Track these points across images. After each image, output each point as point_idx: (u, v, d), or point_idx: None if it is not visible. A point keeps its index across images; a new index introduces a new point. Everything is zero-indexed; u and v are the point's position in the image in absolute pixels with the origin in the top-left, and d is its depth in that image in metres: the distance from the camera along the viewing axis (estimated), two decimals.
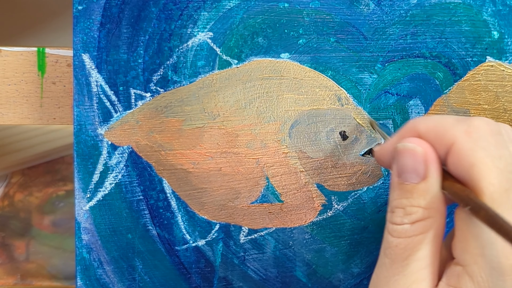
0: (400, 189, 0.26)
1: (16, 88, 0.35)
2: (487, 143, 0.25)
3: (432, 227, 0.26)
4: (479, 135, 0.25)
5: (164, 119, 0.33)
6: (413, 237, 0.26)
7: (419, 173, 0.26)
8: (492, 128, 0.26)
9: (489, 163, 0.24)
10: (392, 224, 0.27)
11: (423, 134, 0.26)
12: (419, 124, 0.27)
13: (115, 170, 0.33)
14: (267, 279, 0.36)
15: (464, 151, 0.25)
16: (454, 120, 0.26)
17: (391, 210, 0.27)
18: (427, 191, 0.26)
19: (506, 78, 0.36)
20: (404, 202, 0.26)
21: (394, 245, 0.26)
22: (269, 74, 0.34)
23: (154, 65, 0.33)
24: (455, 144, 0.25)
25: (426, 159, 0.26)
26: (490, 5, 0.35)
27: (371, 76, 0.35)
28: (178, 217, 0.34)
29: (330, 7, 0.34)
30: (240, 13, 0.33)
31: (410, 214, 0.26)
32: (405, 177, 0.26)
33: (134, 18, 0.32)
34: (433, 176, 0.26)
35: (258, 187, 0.35)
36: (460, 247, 0.25)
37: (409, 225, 0.26)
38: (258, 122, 0.34)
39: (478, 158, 0.24)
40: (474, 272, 0.24)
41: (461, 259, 0.25)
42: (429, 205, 0.26)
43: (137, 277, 0.34)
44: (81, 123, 0.33)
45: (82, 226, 0.33)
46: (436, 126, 0.26)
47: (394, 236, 0.26)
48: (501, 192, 0.24)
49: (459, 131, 0.25)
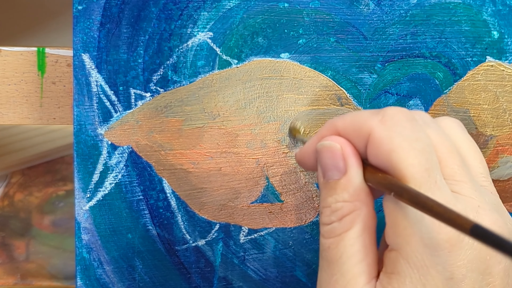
0: (325, 188, 0.27)
1: (16, 88, 0.35)
2: (403, 128, 0.25)
3: (359, 220, 0.26)
4: (394, 122, 0.25)
5: (164, 119, 0.33)
6: (342, 233, 0.26)
7: (339, 168, 0.26)
8: (406, 114, 0.26)
9: (406, 146, 0.24)
10: (322, 225, 0.27)
11: (341, 131, 0.27)
12: (337, 122, 0.27)
13: (115, 170, 0.33)
14: (267, 279, 0.36)
15: (381, 139, 0.25)
16: (369, 113, 0.26)
17: (320, 211, 0.27)
18: (349, 184, 0.26)
19: (506, 78, 0.36)
20: (330, 200, 0.26)
21: (327, 246, 0.26)
22: (269, 74, 0.34)
23: (154, 65, 0.33)
24: (372, 134, 0.25)
25: (344, 154, 0.26)
26: (490, 5, 0.35)
27: (371, 76, 0.35)
28: (178, 217, 0.34)
29: (330, 7, 0.34)
30: (240, 13, 0.33)
31: (336, 210, 0.26)
32: (328, 176, 0.27)
33: (134, 18, 0.32)
34: (353, 169, 0.26)
35: (258, 187, 0.35)
36: (391, 232, 0.25)
37: (337, 222, 0.26)
38: (258, 122, 0.34)
39: (396, 143, 0.25)
40: (408, 253, 0.24)
41: (394, 244, 0.25)
42: (352, 198, 0.26)
43: (137, 277, 0.34)
44: (81, 123, 0.33)
45: (82, 226, 0.33)
46: (352, 121, 0.26)
47: (325, 237, 0.26)
48: (422, 172, 0.24)
49: (374, 121, 0.25)
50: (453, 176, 0.26)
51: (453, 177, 0.26)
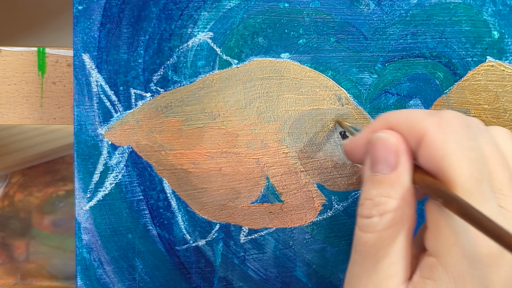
0: (371, 181, 0.26)
1: (16, 88, 0.35)
2: (458, 135, 0.25)
3: (402, 220, 0.25)
4: (450, 127, 0.25)
5: (164, 119, 0.33)
6: (382, 231, 0.25)
7: (390, 163, 0.26)
8: (463, 121, 0.26)
9: (460, 154, 0.24)
10: (361, 218, 0.26)
11: (394, 126, 0.26)
12: (390, 116, 0.27)
13: (115, 170, 0.33)
14: (267, 279, 0.36)
15: (436, 142, 0.24)
16: (425, 113, 0.26)
17: (360, 203, 0.26)
18: (397, 182, 0.25)
19: (506, 78, 0.36)
20: (373, 192, 0.26)
21: (364, 241, 0.26)
22: (269, 74, 0.34)
23: (154, 65, 0.33)
24: (426, 136, 0.25)
25: (397, 150, 0.26)
26: (490, 5, 0.35)
27: (371, 76, 0.35)
28: (178, 217, 0.34)
29: (330, 7, 0.34)
30: (240, 13, 0.33)
31: (378, 205, 0.25)
32: (376, 169, 0.26)
33: (134, 18, 0.32)
34: (404, 167, 0.26)
35: (258, 187, 0.35)
36: (432, 238, 0.25)
37: (378, 217, 0.25)
38: (258, 122, 0.34)
39: (450, 150, 0.24)
40: (448, 262, 0.24)
41: (434, 250, 0.25)
42: (398, 195, 0.25)
43: (137, 277, 0.34)
44: (81, 123, 0.33)
45: (82, 226, 0.33)
46: (407, 118, 0.26)
47: (363, 231, 0.26)
48: (473, 183, 0.24)
49: (431, 124, 0.25)
50: (501, 190, 0.25)
51: (501, 191, 0.25)
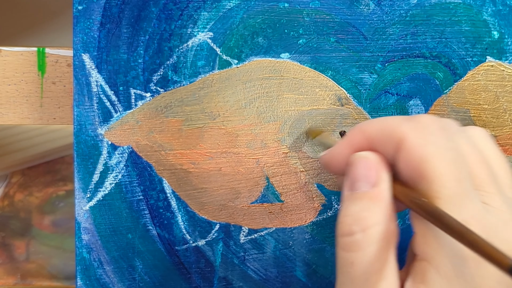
0: (350, 199, 0.26)
1: (16, 88, 0.35)
2: (436, 137, 0.25)
3: (387, 235, 0.25)
4: (428, 130, 0.25)
5: (164, 119, 0.33)
6: (368, 247, 0.24)
7: (370, 180, 0.25)
8: (439, 123, 0.26)
9: (440, 156, 0.24)
10: (342, 237, 0.25)
11: (371, 135, 0.26)
12: (366, 125, 0.27)
13: (115, 170, 0.33)
14: (267, 279, 0.36)
15: (415, 146, 0.24)
16: (401, 119, 0.26)
17: (339, 221, 0.25)
18: (378, 197, 0.25)
19: (506, 78, 0.36)
20: (353, 208, 0.25)
21: (350, 262, 0.25)
22: (269, 74, 0.34)
23: (154, 65, 0.33)
24: (404, 141, 0.25)
25: (378, 166, 0.26)
26: (490, 5, 0.35)
27: (371, 76, 0.35)
28: (178, 217, 0.34)
29: (330, 7, 0.34)
30: (240, 13, 0.33)
31: (359, 219, 0.25)
32: (356, 186, 0.26)
33: (134, 18, 0.32)
34: (384, 182, 0.25)
35: (258, 187, 0.35)
36: (421, 242, 0.25)
37: (361, 234, 0.24)
38: (258, 122, 0.34)
39: (429, 152, 0.24)
40: (439, 263, 0.24)
41: (424, 254, 0.25)
42: (380, 210, 0.25)
43: (137, 277, 0.34)
44: (81, 123, 0.33)
45: (82, 226, 0.33)
46: (383, 126, 0.26)
47: (347, 250, 0.25)
48: (454, 182, 0.24)
49: (408, 128, 0.25)
50: (483, 187, 0.25)
51: (483, 188, 0.25)
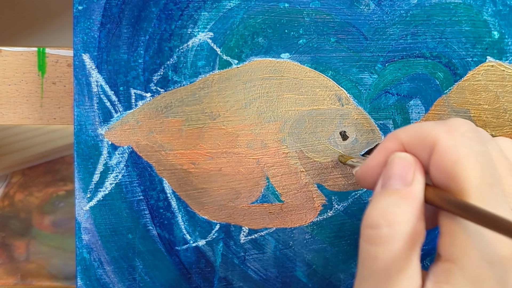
0: (381, 194, 0.25)
1: (17, 88, 0.35)
2: (469, 140, 0.25)
3: (414, 235, 0.25)
4: (461, 133, 0.25)
5: (164, 119, 0.33)
6: (393, 244, 0.24)
7: (406, 179, 0.25)
8: (471, 126, 0.26)
9: (472, 159, 0.24)
10: (367, 229, 0.25)
11: (405, 140, 0.26)
12: (399, 132, 0.27)
13: (116, 170, 0.33)
14: (267, 279, 0.36)
15: (447, 148, 0.25)
16: (434, 123, 0.26)
17: (366, 214, 0.25)
18: (410, 196, 0.25)
19: (506, 78, 0.36)
20: (383, 202, 0.25)
21: (374, 256, 0.24)
22: (270, 74, 0.34)
23: (154, 65, 0.33)
24: (437, 143, 0.25)
25: (414, 167, 0.26)
26: (491, 5, 0.35)
27: (372, 76, 0.35)
28: (179, 217, 0.34)
29: (331, 7, 0.34)
30: (240, 13, 0.33)
31: (387, 214, 0.24)
32: (389, 184, 0.26)
33: (134, 18, 0.32)
34: (419, 182, 0.25)
35: (258, 187, 0.35)
36: (448, 242, 0.25)
37: (387, 228, 0.24)
38: (259, 122, 0.34)
39: (462, 154, 0.24)
40: (465, 265, 0.24)
41: (450, 254, 0.24)
42: (410, 208, 0.25)
43: (137, 277, 0.34)
44: (81, 123, 0.33)
45: (82, 226, 0.33)
46: (416, 130, 0.26)
47: (371, 243, 0.24)
48: (486, 186, 0.24)
49: (440, 131, 0.25)
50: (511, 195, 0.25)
51: (511, 195, 0.25)
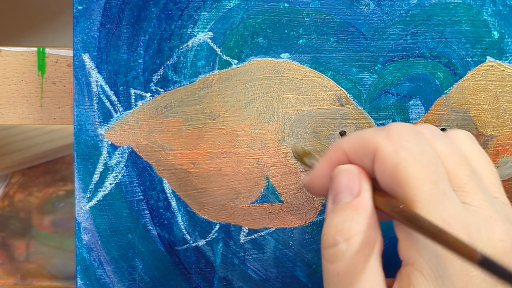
0: (333, 211, 0.26)
1: (16, 88, 0.35)
2: (407, 142, 0.25)
3: (370, 243, 0.25)
4: (399, 136, 0.25)
5: (164, 119, 0.33)
6: (352, 257, 0.24)
7: (353, 191, 0.26)
8: (411, 128, 0.26)
9: (411, 160, 0.24)
10: (326, 249, 0.25)
11: (348, 150, 0.27)
12: (343, 143, 0.27)
13: (115, 170, 0.33)
14: (267, 279, 0.36)
15: (387, 154, 0.25)
16: (374, 130, 0.26)
17: (323, 234, 0.26)
18: (360, 206, 0.25)
19: (506, 78, 0.36)
20: (336, 220, 0.25)
21: (335, 273, 0.25)
22: (269, 74, 0.34)
23: (154, 65, 0.33)
24: (378, 150, 0.25)
25: (359, 177, 0.26)
26: (490, 5, 0.35)
27: (371, 76, 0.35)
28: (178, 217, 0.34)
29: (330, 7, 0.34)
30: (240, 13, 0.33)
31: (342, 230, 0.25)
32: (338, 198, 0.26)
33: (134, 18, 0.32)
34: (366, 191, 0.26)
35: (258, 187, 0.35)
36: (404, 246, 0.25)
37: (345, 243, 0.24)
38: (258, 122, 0.34)
39: (401, 158, 0.24)
40: (422, 265, 0.24)
41: (408, 257, 0.25)
42: (362, 218, 0.25)
43: (137, 277, 0.34)
44: (81, 123, 0.33)
45: (82, 226, 0.33)
46: (358, 140, 0.26)
47: (332, 262, 0.25)
48: (429, 184, 0.24)
49: (380, 138, 0.25)
50: (463, 188, 0.25)
51: (462, 188, 0.25)
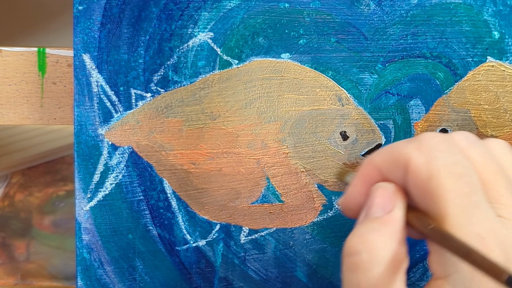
0: (362, 223, 0.25)
1: (17, 88, 0.35)
2: (439, 152, 0.24)
3: (396, 259, 0.24)
4: (430, 146, 0.25)
5: (165, 119, 0.33)
6: (374, 270, 0.24)
7: (386, 207, 0.25)
8: (441, 138, 0.25)
9: (444, 171, 0.24)
10: (347, 257, 0.24)
11: (380, 165, 0.26)
12: (374, 158, 0.26)
13: (116, 170, 0.33)
14: (267, 279, 0.36)
15: (419, 165, 0.24)
16: (404, 142, 0.26)
17: (346, 242, 0.25)
18: (390, 221, 0.25)
19: (506, 78, 0.36)
20: (361, 230, 0.25)
21: (356, 283, 0.24)
22: (270, 74, 0.34)
23: (154, 65, 0.33)
24: (409, 162, 0.24)
25: (394, 194, 0.25)
26: (491, 5, 0.35)
27: (372, 76, 0.35)
28: (179, 217, 0.34)
29: (331, 7, 0.34)
30: (240, 13, 0.33)
31: (366, 240, 0.24)
32: (370, 213, 0.25)
33: (134, 18, 0.32)
34: (398, 209, 0.25)
35: (258, 187, 0.35)
36: (437, 260, 0.24)
37: (366, 254, 0.23)
38: (259, 122, 0.34)
39: (433, 169, 0.24)
40: (455, 281, 0.24)
41: (441, 272, 0.24)
42: (389, 233, 0.24)
43: (137, 277, 0.34)
44: (81, 123, 0.33)
45: (82, 226, 0.33)
46: (389, 152, 0.26)
47: (353, 271, 0.24)
48: (462, 197, 0.23)
49: (411, 149, 0.25)
50: (499, 200, 0.24)
51: (499, 200, 0.24)
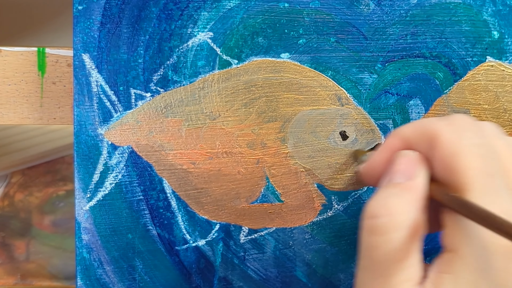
0: (383, 187, 0.26)
1: (16, 88, 0.35)
2: (469, 132, 0.25)
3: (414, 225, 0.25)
4: (461, 125, 0.26)
5: (164, 119, 0.33)
6: (393, 233, 0.24)
7: (408, 174, 0.26)
8: (473, 121, 0.26)
9: (471, 150, 0.25)
10: (367, 219, 0.25)
11: (408, 136, 0.27)
12: (402, 128, 0.27)
13: (115, 170, 0.33)
14: (267, 279, 0.36)
15: (448, 140, 0.25)
16: (435, 118, 0.27)
17: (367, 205, 0.25)
18: (412, 188, 0.25)
19: (506, 78, 0.36)
20: (383, 194, 0.25)
21: (374, 245, 0.25)
22: (269, 74, 0.34)
23: (154, 65, 0.33)
24: (439, 137, 0.25)
25: (418, 162, 0.26)
26: (490, 5, 0.35)
27: (371, 76, 0.35)
28: (178, 217, 0.34)
29: (330, 7, 0.34)
30: (240, 13, 0.33)
31: (387, 204, 0.25)
32: (392, 179, 0.26)
33: (134, 18, 0.32)
34: (421, 177, 0.26)
35: (258, 187, 0.35)
36: (450, 233, 0.25)
37: (387, 218, 0.24)
38: (258, 122, 0.34)
39: (461, 147, 0.25)
40: (466, 255, 0.24)
41: (452, 245, 0.25)
42: (410, 200, 0.25)
43: (137, 277, 0.34)
44: (81, 123, 0.33)
45: (82, 226, 0.33)
46: (419, 126, 0.27)
47: (372, 233, 0.25)
48: (484, 176, 0.24)
49: (442, 125, 0.26)
50: None
51: None
